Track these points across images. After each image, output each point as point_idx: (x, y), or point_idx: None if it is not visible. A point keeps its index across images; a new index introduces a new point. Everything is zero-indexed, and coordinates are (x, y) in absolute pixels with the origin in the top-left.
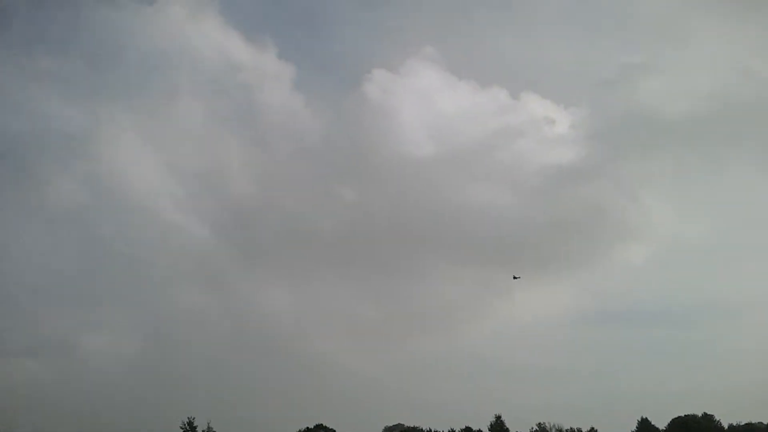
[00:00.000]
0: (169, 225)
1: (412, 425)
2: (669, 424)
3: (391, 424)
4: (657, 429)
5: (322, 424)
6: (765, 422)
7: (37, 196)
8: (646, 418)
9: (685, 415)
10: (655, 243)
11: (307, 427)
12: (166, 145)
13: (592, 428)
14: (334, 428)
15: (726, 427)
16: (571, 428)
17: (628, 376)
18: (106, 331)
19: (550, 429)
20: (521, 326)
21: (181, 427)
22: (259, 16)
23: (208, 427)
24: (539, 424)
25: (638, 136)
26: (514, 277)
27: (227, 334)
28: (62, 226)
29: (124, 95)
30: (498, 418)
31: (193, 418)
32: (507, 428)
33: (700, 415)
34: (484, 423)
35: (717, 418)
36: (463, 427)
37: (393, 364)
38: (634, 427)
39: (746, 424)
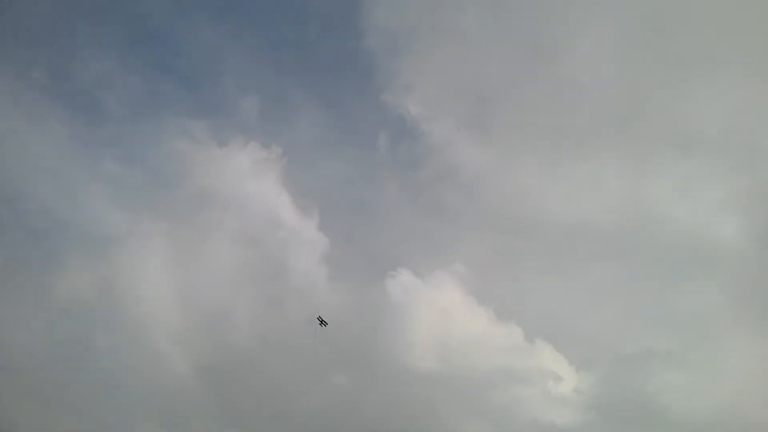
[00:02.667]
0: (156, 351)
1: None
2: None
3: None
4: None
5: None
6: None
7: (53, 279)
8: None
9: None
10: None
11: None
12: (185, 275)
13: None
14: None
15: None
16: None
17: None
18: None
19: None
20: None
21: None
22: (313, 188)
23: None
24: None
25: (642, 424)
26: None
27: None
28: (61, 316)
29: (168, 217)
30: None
31: None
32: None
33: None
34: None
35: None
36: None
37: None
38: None
39: None
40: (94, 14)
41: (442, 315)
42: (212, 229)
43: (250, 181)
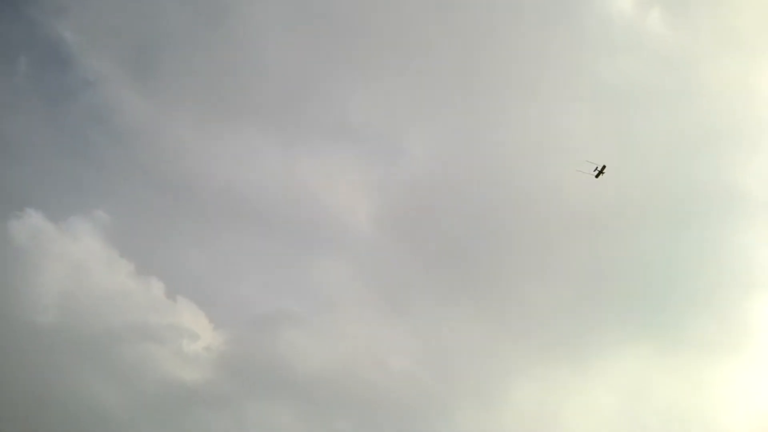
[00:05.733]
0: None
1: None
2: None
3: None
4: None
5: None
6: None
7: None
8: None
9: None
10: None
11: None
12: None
13: None
14: None
15: None
16: None
17: None
18: None
19: None
20: None
21: None
22: None
23: None
24: None
25: (268, 380)
26: None
27: None
28: None
29: None
30: None
31: None
32: None
33: None
34: None
35: None
36: None
37: None
38: None
39: None
40: None
41: (75, 267)
42: None
43: None
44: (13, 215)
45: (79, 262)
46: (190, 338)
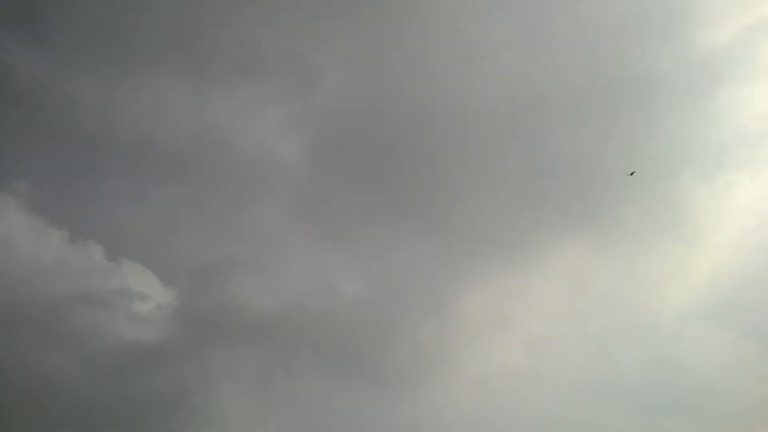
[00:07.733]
0: None
1: None
2: None
3: None
4: None
5: None
6: None
7: None
8: None
9: None
10: None
11: None
12: None
13: None
14: None
15: None
16: None
17: None
18: None
19: None
20: None
21: None
22: None
23: None
24: None
25: (226, 328)
26: None
27: None
28: None
29: None
30: None
31: None
32: None
33: None
34: None
35: None
36: None
37: None
38: None
39: None
40: None
41: (5, 241)
42: None
43: None
44: None
45: (8, 239)
46: (141, 299)
